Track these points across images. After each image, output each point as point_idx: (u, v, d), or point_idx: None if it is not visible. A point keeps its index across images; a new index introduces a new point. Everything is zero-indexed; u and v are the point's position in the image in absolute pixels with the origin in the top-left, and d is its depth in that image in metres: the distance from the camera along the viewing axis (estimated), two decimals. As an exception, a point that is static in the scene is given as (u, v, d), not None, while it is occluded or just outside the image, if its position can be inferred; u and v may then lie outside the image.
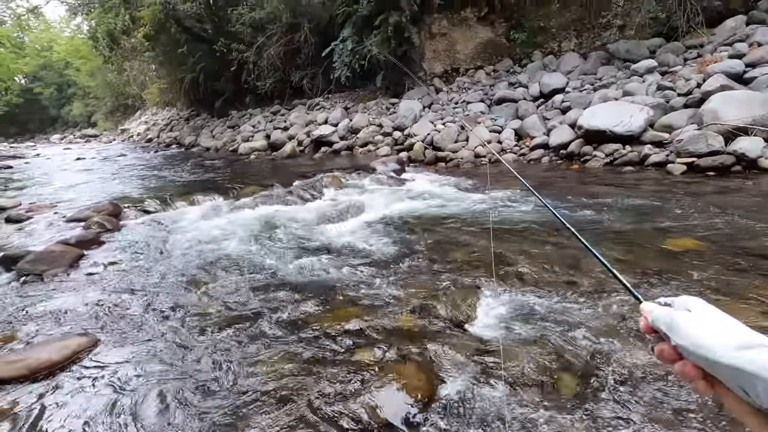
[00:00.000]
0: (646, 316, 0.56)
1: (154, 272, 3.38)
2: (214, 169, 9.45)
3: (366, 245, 3.73)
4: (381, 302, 2.64)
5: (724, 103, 5.82)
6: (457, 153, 8.22)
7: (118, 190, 7.24)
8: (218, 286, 3.03)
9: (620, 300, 2.40)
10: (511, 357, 1.99)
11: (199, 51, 16.59)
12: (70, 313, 2.74)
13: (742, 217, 3.73)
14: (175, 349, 2.26)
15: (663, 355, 0.52)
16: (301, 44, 13.53)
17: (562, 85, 9.10)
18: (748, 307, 2.28)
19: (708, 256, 2.99)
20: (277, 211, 5.03)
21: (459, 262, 3.21)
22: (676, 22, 8.34)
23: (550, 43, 11.29)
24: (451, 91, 11.19)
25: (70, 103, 39.20)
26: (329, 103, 13.42)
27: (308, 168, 8.63)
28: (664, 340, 0.53)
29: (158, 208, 5.37)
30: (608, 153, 6.61)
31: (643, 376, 1.81)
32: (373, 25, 10.98)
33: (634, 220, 3.90)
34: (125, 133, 27.68)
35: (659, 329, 0.53)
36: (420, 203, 5.17)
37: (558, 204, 4.60)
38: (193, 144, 16.04)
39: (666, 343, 0.52)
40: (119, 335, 2.44)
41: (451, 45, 12.18)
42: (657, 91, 7.22)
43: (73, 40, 33.89)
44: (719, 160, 5.41)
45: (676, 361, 0.51)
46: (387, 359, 2.06)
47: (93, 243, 4.07)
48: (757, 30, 7.42)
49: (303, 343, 2.24)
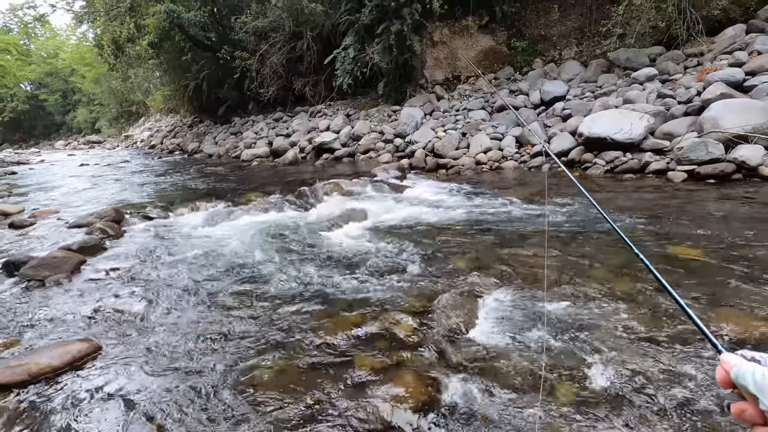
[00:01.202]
0: (726, 368, 0.50)
1: (155, 278, 3.39)
2: (216, 176, 9.50)
3: (367, 251, 3.74)
4: (381, 309, 2.65)
5: (724, 111, 5.84)
6: (458, 160, 8.24)
7: (121, 196, 7.29)
8: (219, 293, 3.04)
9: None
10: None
11: (202, 59, 16.76)
12: (71, 319, 2.75)
13: (744, 225, 3.73)
14: (176, 355, 2.27)
15: (743, 416, 0.47)
16: (304, 52, 13.65)
17: (562, 93, 9.14)
18: (750, 317, 2.27)
19: (710, 264, 2.99)
20: (279, 218, 5.06)
21: (461, 268, 3.22)
22: (676, 31, 8.39)
23: (550, 51, 11.36)
24: (452, 99, 11.24)
25: (74, 109, 39.60)
26: (331, 110, 13.50)
27: (310, 175, 8.67)
28: (746, 400, 0.47)
29: (160, 214, 5.40)
30: (609, 160, 6.63)
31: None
32: (375, 34, 11.08)
33: (636, 228, 3.90)
34: (129, 139, 27.89)
35: (743, 387, 0.47)
36: (421, 210, 5.19)
37: (558, 210, 4.62)
38: (196, 150, 16.14)
39: (749, 404, 0.47)
40: (121, 341, 2.46)
41: (452, 53, 12.26)
42: (657, 99, 7.25)
43: (79, 47, 34.28)
44: (720, 168, 5.42)
45: (760, 426, 0.45)
46: (387, 366, 2.07)
47: (95, 249, 4.10)
48: (756, 38, 7.46)
49: (304, 349, 2.25)
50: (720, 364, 0.52)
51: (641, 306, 2.46)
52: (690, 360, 1.95)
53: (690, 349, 2.02)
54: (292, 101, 15.07)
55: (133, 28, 15.69)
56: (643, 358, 1.99)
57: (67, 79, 39.21)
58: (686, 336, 2.13)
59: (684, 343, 2.08)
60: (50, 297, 3.11)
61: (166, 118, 26.48)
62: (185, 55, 16.67)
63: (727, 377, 0.50)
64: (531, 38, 11.54)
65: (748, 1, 8.35)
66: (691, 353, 2.00)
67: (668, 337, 2.14)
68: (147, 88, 27.56)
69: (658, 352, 2.02)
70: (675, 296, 0.73)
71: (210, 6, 15.51)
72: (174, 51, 16.86)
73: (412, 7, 10.47)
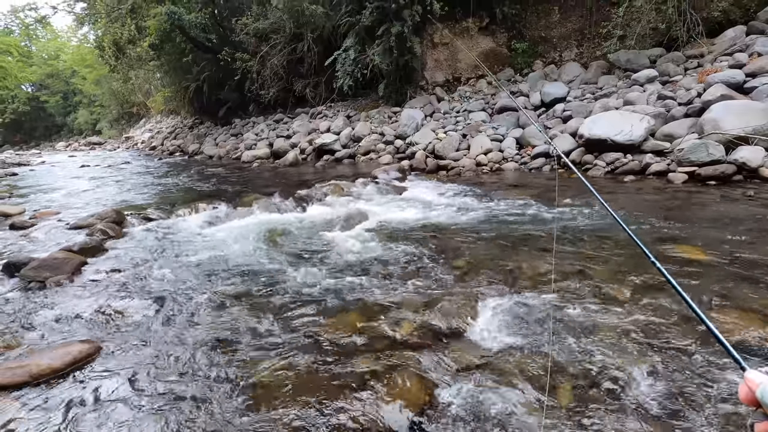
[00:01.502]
0: (751, 386, 0.49)
1: (156, 280, 3.39)
2: (216, 177, 9.51)
3: (367, 253, 3.74)
4: (382, 310, 2.65)
5: (724, 112, 5.84)
6: (459, 161, 8.25)
7: (122, 197, 7.29)
8: (219, 294, 3.04)
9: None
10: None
11: (203, 60, 16.77)
12: (72, 320, 2.75)
13: (745, 226, 3.73)
14: (176, 357, 2.27)
15: None
16: (304, 54, 13.66)
17: (563, 95, 9.14)
18: (751, 317, 2.27)
19: (711, 265, 2.99)
20: (279, 219, 5.06)
21: (462, 270, 3.22)
22: (676, 33, 8.39)
23: (551, 52, 11.37)
24: (452, 100, 11.25)
25: (75, 111, 39.63)
26: (332, 111, 13.51)
27: (310, 176, 8.68)
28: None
29: (161, 215, 5.40)
30: (609, 162, 6.63)
31: None
32: (376, 35, 11.10)
33: (637, 229, 3.90)
34: (130, 140, 27.91)
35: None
36: (421, 211, 5.19)
37: (559, 212, 4.62)
38: (196, 152, 16.15)
39: None
40: (121, 342, 2.46)
41: (452, 54, 12.28)
42: (658, 101, 7.25)
43: (80, 48, 34.33)
44: (720, 170, 5.42)
45: None
46: (387, 367, 2.07)
47: (96, 250, 4.10)
48: (756, 40, 7.46)
49: (304, 351, 2.25)
50: (744, 382, 0.50)
51: (647, 309, 2.45)
52: (698, 366, 1.95)
53: (698, 356, 2.02)
54: (293, 103, 15.09)
55: (134, 30, 15.70)
56: (648, 362, 1.98)
57: (68, 81, 39.25)
58: (693, 341, 2.13)
59: (691, 348, 2.08)
60: (51, 298, 3.11)
61: (166, 120, 26.51)
62: (186, 56, 16.69)
63: (752, 395, 0.48)
64: (531, 40, 11.55)
65: (748, 3, 8.36)
66: (699, 359, 2.00)
67: (676, 342, 2.14)
68: (148, 89, 27.62)
69: (664, 357, 2.02)
70: (696, 311, 0.70)
71: (211, 8, 15.54)
72: (175, 53, 16.89)
73: (413, 9, 10.48)
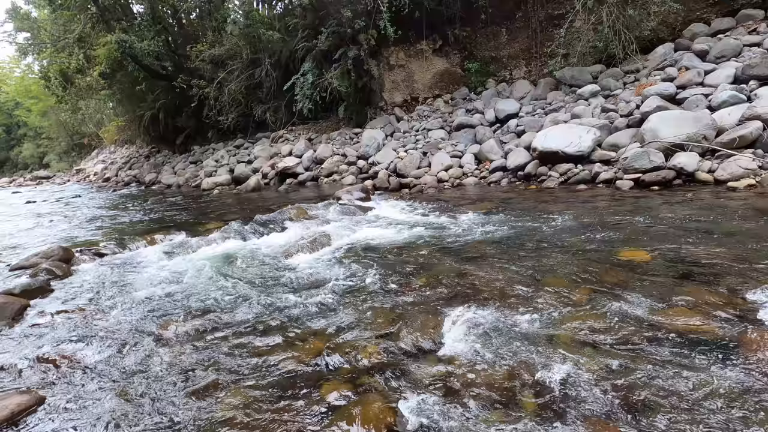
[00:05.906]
0: None
1: (107, 319, 3.20)
2: (175, 206, 9.19)
3: (330, 276, 3.70)
4: (346, 332, 2.61)
5: (660, 122, 6.30)
6: (420, 179, 8.40)
7: (72, 233, 6.89)
8: (176, 329, 2.90)
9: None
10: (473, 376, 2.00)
11: (158, 88, 16.40)
12: (11, 370, 2.54)
13: (686, 227, 3.98)
14: (128, 402, 2.13)
15: None
16: (263, 78, 13.66)
17: (515, 111, 9.57)
18: (689, 312, 2.40)
19: (655, 265, 3.16)
20: (240, 246, 4.93)
21: (426, 286, 3.24)
22: (613, 50, 9.04)
23: (502, 71, 11.93)
24: (411, 120, 11.52)
25: (20, 144, 37.54)
26: (293, 135, 13.49)
27: (273, 200, 8.56)
28: None
29: (114, 250, 5.13)
30: (562, 172, 6.95)
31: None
32: (333, 59, 11.28)
33: (589, 236, 4.07)
34: (81, 173, 26.60)
35: None
36: (384, 230, 5.21)
37: (518, 223, 4.76)
38: (153, 181, 15.61)
39: None
40: (67, 391, 2.28)
41: (409, 75, 12.64)
42: (602, 113, 7.73)
43: (23, 79, 32.74)
44: (662, 175, 5.79)
45: None
46: (352, 390, 2.02)
47: (40, 291, 3.83)
48: (683, 56, 8.15)
49: (267, 380, 2.17)
50: None
51: (597, 311, 2.55)
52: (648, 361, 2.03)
53: (644, 351, 2.11)
54: (253, 127, 14.97)
55: (82, 59, 15.21)
56: (605, 363, 2.05)
57: (10, 113, 37.23)
58: (638, 337, 2.22)
59: (637, 344, 2.17)
60: (-13, 348, 2.86)
61: (121, 150, 25.54)
62: (139, 84, 16.28)
63: None
64: (483, 60, 12.09)
65: (673, 22, 9.15)
66: (647, 354, 2.08)
67: (624, 341, 2.22)
68: (99, 119, 26.63)
69: (617, 356, 2.09)
70: None
71: (164, 35, 15.31)
72: (127, 81, 16.45)
73: (368, 33, 10.77)
